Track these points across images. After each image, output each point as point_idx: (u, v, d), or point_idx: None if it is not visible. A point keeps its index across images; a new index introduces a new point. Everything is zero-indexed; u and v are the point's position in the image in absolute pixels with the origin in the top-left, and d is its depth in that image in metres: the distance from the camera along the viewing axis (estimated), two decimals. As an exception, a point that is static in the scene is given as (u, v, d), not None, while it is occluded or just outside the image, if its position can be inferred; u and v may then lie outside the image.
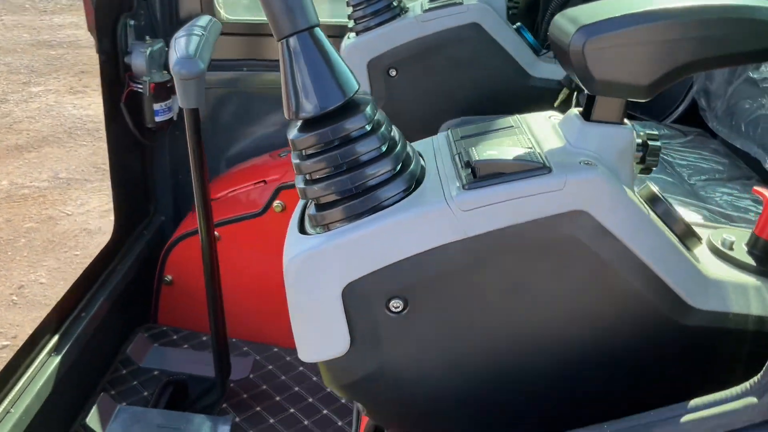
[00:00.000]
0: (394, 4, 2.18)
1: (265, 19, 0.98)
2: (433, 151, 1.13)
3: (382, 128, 1.00)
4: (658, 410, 0.91)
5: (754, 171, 1.77)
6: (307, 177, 1.01)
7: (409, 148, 1.05)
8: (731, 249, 1.09)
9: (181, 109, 2.59)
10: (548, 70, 2.20)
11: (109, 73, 2.33)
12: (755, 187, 1.15)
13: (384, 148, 0.99)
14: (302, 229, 1.06)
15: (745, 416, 0.86)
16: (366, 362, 1.03)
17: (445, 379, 1.03)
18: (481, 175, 0.96)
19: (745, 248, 1.09)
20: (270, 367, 2.44)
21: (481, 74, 2.17)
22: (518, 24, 2.25)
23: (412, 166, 1.01)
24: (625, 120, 1.01)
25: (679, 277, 0.99)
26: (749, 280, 1.04)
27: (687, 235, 1.04)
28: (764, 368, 0.87)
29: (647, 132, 1.04)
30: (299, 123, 1.01)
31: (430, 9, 2.14)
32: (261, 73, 2.77)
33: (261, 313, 2.44)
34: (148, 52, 2.34)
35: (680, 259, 1.00)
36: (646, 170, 1.04)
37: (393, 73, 2.17)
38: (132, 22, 2.40)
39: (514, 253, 0.96)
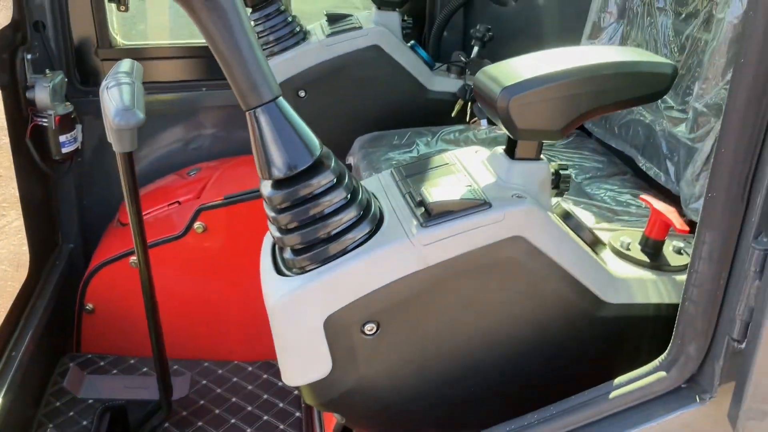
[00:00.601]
0: (297, 29, 2.31)
1: (158, 43, 1.11)
2: (383, 188, 1.30)
3: (346, 179, 1.15)
4: (590, 390, 1.15)
5: (628, 166, 2.07)
6: (283, 227, 1.16)
7: (366, 191, 1.21)
8: (629, 249, 1.34)
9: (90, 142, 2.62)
10: (443, 83, 2.42)
11: (12, 109, 2.30)
12: (641, 195, 1.41)
13: (349, 197, 1.15)
14: (278, 270, 1.20)
15: (658, 387, 1.10)
16: (345, 380, 1.19)
17: (415, 385, 1.22)
18: (435, 215, 1.14)
19: (639, 247, 1.35)
20: (205, 382, 2.52)
21: (384, 91, 2.35)
22: (412, 42, 2.44)
23: (372, 209, 1.18)
24: (541, 155, 1.23)
25: (594, 278, 1.23)
26: (645, 274, 1.29)
27: (594, 242, 1.28)
28: (668, 347, 1.12)
29: (558, 163, 1.26)
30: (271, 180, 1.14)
31: (332, 33, 2.29)
32: (157, 94, 2.79)
33: (192, 331, 2.51)
34: (51, 85, 2.33)
35: (593, 264, 1.24)
36: (560, 194, 1.27)
37: (302, 94, 2.30)
38: (29, 56, 2.37)
39: (467, 276, 1.16)
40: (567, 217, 1.28)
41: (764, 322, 1.01)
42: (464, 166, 1.28)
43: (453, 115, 2.40)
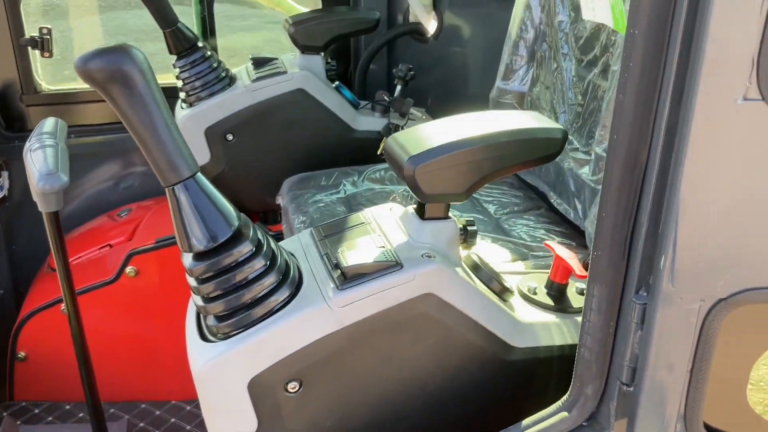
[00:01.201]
0: (223, 75, 2.36)
1: (83, 87, 1.16)
2: (302, 248, 1.36)
3: (264, 247, 1.22)
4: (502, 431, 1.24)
5: (543, 201, 2.19)
6: (205, 296, 1.21)
7: (285, 255, 1.28)
8: (535, 294, 1.44)
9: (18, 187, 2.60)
10: (368, 122, 2.50)
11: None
12: (546, 242, 1.51)
13: (268, 263, 1.21)
14: (202, 336, 1.25)
15: (562, 426, 1.20)
16: (272, 436, 1.25)
17: (338, 436, 1.28)
18: (350, 277, 1.21)
19: (545, 290, 1.46)
20: (142, 424, 2.53)
21: (311, 132, 2.42)
22: (337, 83, 2.52)
23: (291, 273, 1.25)
24: (449, 214, 1.32)
25: (501, 325, 1.32)
26: (550, 317, 1.40)
27: (502, 291, 1.38)
28: (569, 389, 1.22)
29: (466, 219, 1.35)
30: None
31: (258, 78, 2.34)
32: (86, 137, 2.78)
33: (127, 373, 2.52)
34: (-27, 136, 2.32)
35: (500, 312, 1.33)
36: (468, 247, 1.36)
37: (230, 137, 2.35)
38: (-51, 106, 2.35)
39: (382, 332, 1.24)
40: (476, 267, 1.37)
41: (647, 368, 1.12)
42: (379, 226, 1.36)
43: (378, 153, 2.48)
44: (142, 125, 1.11)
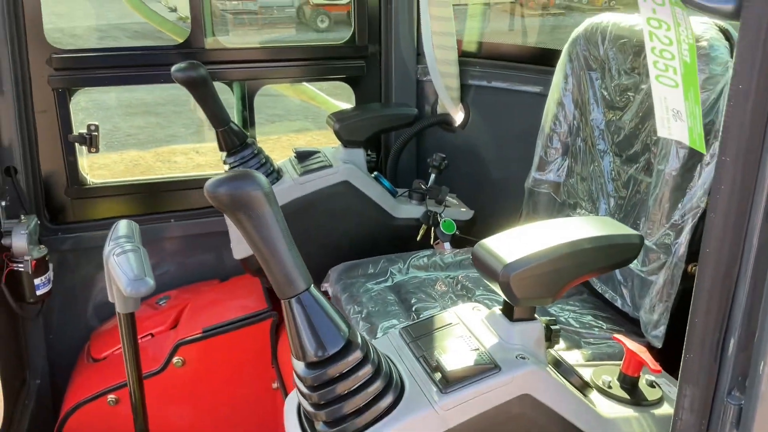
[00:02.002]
0: (271, 170, 2.46)
1: (128, 180, 1.24)
2: (395, 350, 1.43)
3: (372, 354, 1.29)
4: None
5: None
6: (314, 403, 1.27)
7: (385, 358, 1.35)
8: (610, 387, 1.52)
9: (58, 277, 2.64)
10: (406, 210, 2.61)
11: (-12, 257, 2.33)
12: (615, 335, 1.60)
13: (374, 370, 1.28)
14: (307, 438, 1.30)
15: None
16: None
17: None
18: (453, 380, 1.28)
19: (618, 384, 1.53)
20: None
21: (354, 222, 2.52)
22: (375, 173, 2.63)
23: (394, 378, 1.31)
24: (535, 315, 1.41)
25: (588, 422, 1.39)
26: (628, 412, 1.47)
27: (583, 386, 1.45)
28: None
29: (548, 319, 1.44)
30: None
31: (305, 172, 2.45)
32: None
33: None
34: (27, 231, 2.37)
35: (587, 410, 1.40)
36: (551, 346, 1.44)
37: (277, 229, 2.43)
38: (2, 203, 2.41)
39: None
40: (558, 364, 1.44)
41: (743, 465, 1.19)
42: (467, 326, 1.44)
43: (418, 239, 2.58)
44: (264, 244, 1.19)
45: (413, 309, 2.11)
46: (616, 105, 2.14)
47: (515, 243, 1.36)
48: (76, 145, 2.67)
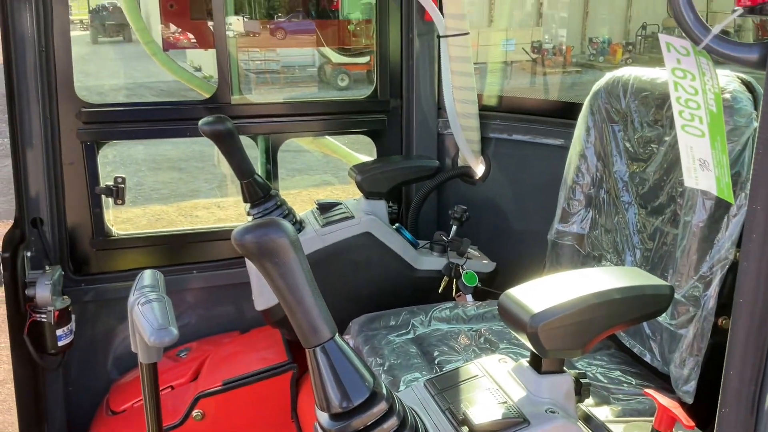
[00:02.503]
0: (293, 221, 2.47)
1: (151, 232, 1.22)
2: (420, 402, 1.40)
3: (397, 406, 1.26)
4: None
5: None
6: (340, 453, 1.24)
7: (412, 413, 1.32)
8: (643, 444, 1.47)
9: (80, 328, 2.64)
10: (428, 262, 2.59)
11: (12, 307, 2.33)
12: (646, 390, 1.55)
13: (400, 422, 1.25)
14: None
15: None
16: None
17: None
18: (481, 435, 1.25)
19: (651, 440, 1.48)
20: None
21: (376, 273, 2.51)
22: (397, 225, 2.63)
23: (419, 430, 1.28)
24: (564, 368, 1.37)
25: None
26: (661, 469, 1.42)
27: (614, 442, 1.41)
28: None
29: (577, 372, 1.41)
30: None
31: (327, 223, 2.46)
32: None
33: None
34: (51, 282, 2.39)
35: (617, 466, 1.36)
36: (581, 400, 1.40)
37: (299, 280, 2.42)
38: (28, 253, 2.44)
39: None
40: (588, 420, 1.40)
41: None
42: (493, 379, 1.41)
43: (440, 291, 2.56)
44: (290, 292, 1.19)
45: (436, 362, 2.07)
46: (640, 157, 2.14)
47: (543, 293, 1.34)
48: (102, 196, 2.71)
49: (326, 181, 8.47)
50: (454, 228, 2.69)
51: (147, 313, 1.67)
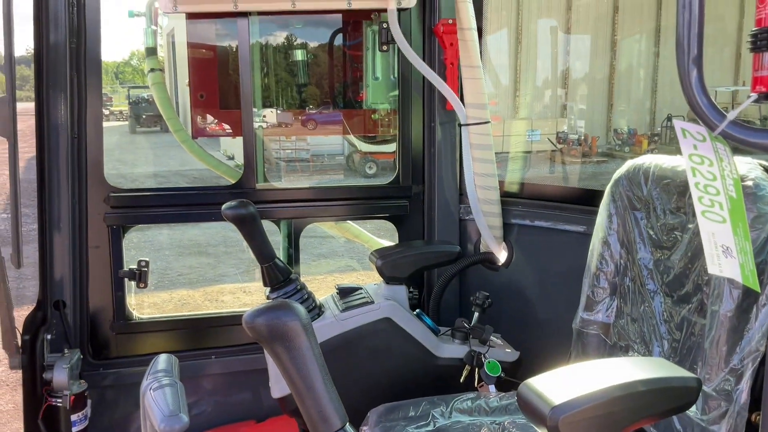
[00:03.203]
0: (312, 306, 2.45)
1: (173, 315, 1.19)
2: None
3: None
4: None
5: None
6: None
7: None
8: None
9: (96, 413, 2.61)
10: (449, 350, 2.53)
11: (29, 391, 2.32)
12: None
13: None
14: None
15: None
16: None
17: None
18: None
19: None
20: None
21: (395, 361, 2.45)
22: (417, 311, 2.59)
23: None
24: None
25: None
26: None
27: None
28: None
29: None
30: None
31: (346, 308, 2.43)
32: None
33: None
34: (69, 366, 2.38)
35: None
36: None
37: (317, 367, 2.38)
38: (48, 336, 2.44)
39: None
40: None
41: None
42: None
43: (461, 380, 2.48)
44: (300, 377, 1.16)
45: (456, 456, 1.99)
46: (664, 244, 2.10)
47: (564, 383, 1.29)
48: (125, 280, 2.72)
49: (350, 266, 8.49)
50: (476, 315, 2.64)
51: (158, 399, 1.64)
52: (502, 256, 2.93)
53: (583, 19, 20.59)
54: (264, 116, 3.18)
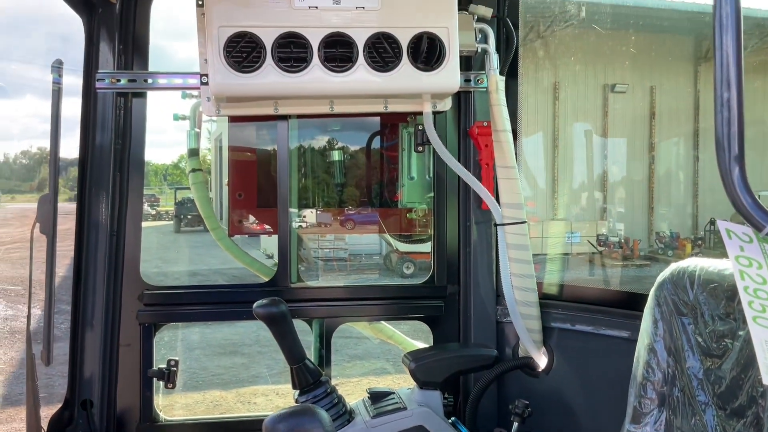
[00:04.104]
0: (342, 410, 2.36)
1: (201, 418, 1.11)
2: None
3: None
4: None
5: None
6: None
7: None
8: None
9: None
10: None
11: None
12: None
13: None
14: None
15: None
16: None
17: None
18: None
19: None
20: None
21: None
22: (453, 419, 2.47)
23: None
24: None
25: None
26: None
27: None
28: None
29: None
30: None
31: (378, 414, 2.33)
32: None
33: None
34: (91, 468, 2.30)
35: None
36: None
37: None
38: (74, 436, 2.39)
39: None
40: None
41: None
42: None
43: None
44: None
45: None
46: (714, 353, 1.98)
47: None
48: (154, 380, 2.68)
49: (384, 369, 8.31)
50: (515, 425, 2.50)
51: None
52: (542, 361, 2.81)
53: (620, 122, 20.82)
54: (304, 216, 3.21)
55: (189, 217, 27.79)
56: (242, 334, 9.63)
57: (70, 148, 2.55)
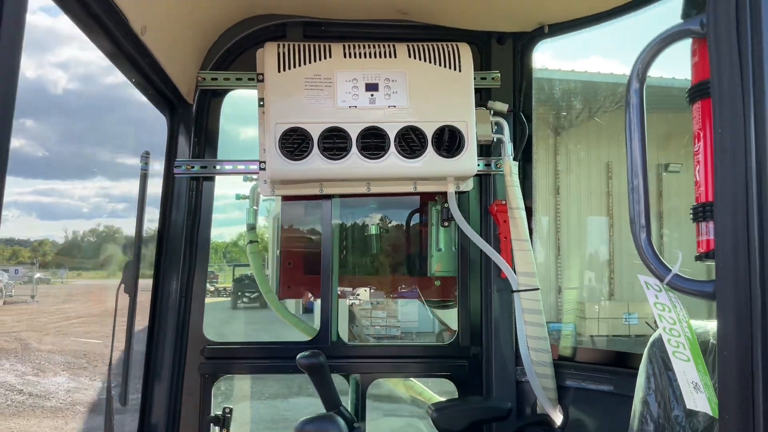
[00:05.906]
0: (373, 452, 2.68)
1: None
2: None
3: None
4: None
5: None
6: None
7: None
8: None
9: None
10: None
11: None
12: None
13: None
14: None
15: None
16: None
17: None
18: None
19: None
20: None
21: None
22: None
23: None
24: None
25: None
26: None
27: None
28: None
29: None
30: None
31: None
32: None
33: None
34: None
35: None
36: None
37: None
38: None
39: None
40: None
41: None
42: None
43: None
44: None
45: None
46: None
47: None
48: (211, 425, 3.06)
49: (411, 424, 8.48)
50: (533, 473, 2.76)
51: None
52: (557, 418, 3.07)
53: (675, 200, 20.73)
54: (357, 294, 3.59)
55: (244, 292, 28.49)
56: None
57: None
